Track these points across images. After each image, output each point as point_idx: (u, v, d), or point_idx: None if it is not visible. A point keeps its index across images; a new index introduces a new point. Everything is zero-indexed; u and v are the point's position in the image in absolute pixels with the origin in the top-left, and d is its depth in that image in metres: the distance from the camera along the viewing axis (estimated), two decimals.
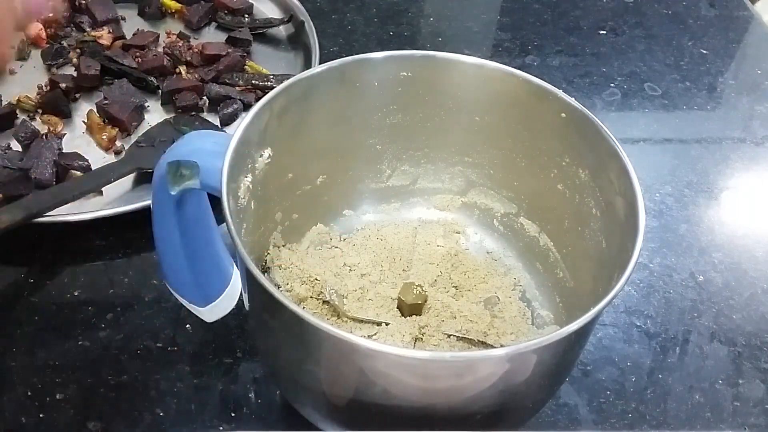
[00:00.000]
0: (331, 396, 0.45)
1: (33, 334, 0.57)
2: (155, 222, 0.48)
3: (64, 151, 0.69)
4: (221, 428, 0.53)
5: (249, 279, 0.44)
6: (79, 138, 0.73)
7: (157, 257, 0.50)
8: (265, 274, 0.56)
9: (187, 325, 0.58)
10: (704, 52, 0.91)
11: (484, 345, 0.54)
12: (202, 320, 0.54)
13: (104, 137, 0.71)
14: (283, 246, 0.58)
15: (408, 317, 0.55)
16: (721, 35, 0.94)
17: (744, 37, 0.95)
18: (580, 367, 0.57)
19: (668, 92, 0.85)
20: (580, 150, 0.52)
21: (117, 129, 0.72)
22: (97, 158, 0.70)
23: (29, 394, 0.54)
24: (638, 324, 0.61)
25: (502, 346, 0.54)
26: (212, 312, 0.53)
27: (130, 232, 0.64)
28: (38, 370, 0.55)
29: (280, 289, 0.55)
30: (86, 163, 0.68)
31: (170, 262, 0.50)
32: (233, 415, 0.53)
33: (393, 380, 0.41)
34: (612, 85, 0.86)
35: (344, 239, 0.61)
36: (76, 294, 0.60)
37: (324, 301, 0.55)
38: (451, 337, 0.54)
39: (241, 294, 0.51)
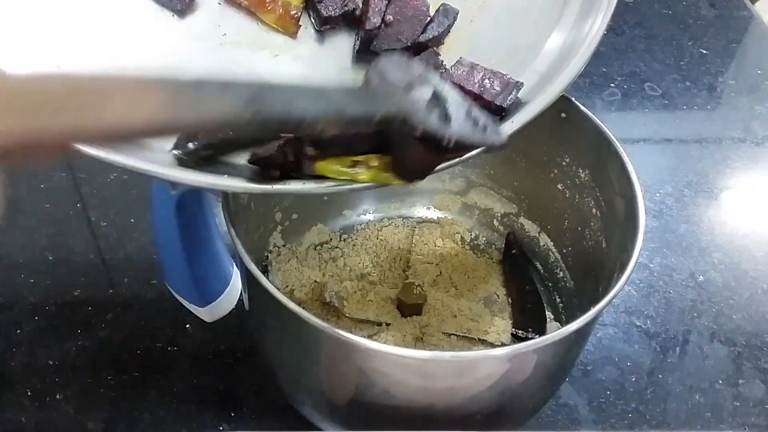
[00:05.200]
0: (331, 396, 0.45)
1: (33, 334, 0.57)
2: (155, 222, 0.48)
3: None
4: (221, 428, 0.53)
5: (249, 279, 0.44)
6: None
7: (157, 257, 0.50)
8: (265, 274, 0.56)
9: (187, 325, 0.58)
10: (704, 52, 0.91)
11: (485, 344, 0.54)
12: (202, 320, 0.53)
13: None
14: (283, 246, 0.58)
15: (408, 317, 0.55)
16: (721, 35, 0.94)
17: (744, 37, 0.95)
18: (580, 367, 0.57)
19: (668, 92, 0.85)
20: (580, 150, 0.52)
21: None
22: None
23: (29, 394, 0.54)
24: (638, 324, 0.61)
25: (502, 344, 0.54)
26: (212, 312, 0.53)
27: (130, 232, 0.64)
28: (38, 370, 0.55)
29: (280, 290, 0.55)
30: None
31: (170, 262, 0.50)
32: (233, 415, 0.53)
33: (393, 380, 0.41)
34: (612, 85, 0.86)
35: (344, 239, 0.61)
36: (76, 294, 0.60)
37: (324, 303, 0.55)
38: (452, 336, 0.54)
39: (241, 294, 0.51)
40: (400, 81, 0.34)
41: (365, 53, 0.41)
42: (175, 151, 0.35)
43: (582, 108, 0.50)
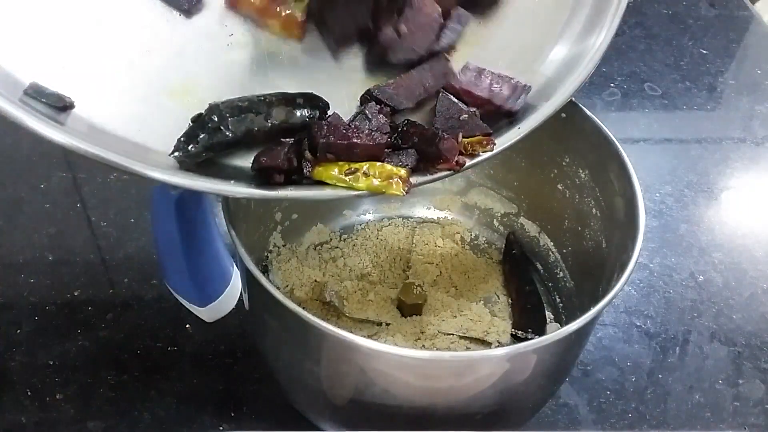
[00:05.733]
0: (331, 396, 0.45)
1: (33, 334, 0.57)
2: (155, 222, 0.48)
3: None
4: (221, 428, 0.52)
5: (249, 279, 0.44)
6: None
7: (157, 257, 0.50)
8: (265, 274, 0.56)
9: (187, 325, 0.58)
10: (704, 52, 0.91)
11: (485, 344, 0.54)
12: (202, 320, 0.53)
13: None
14: (283, 246, 0.58)
15: (408, 317, 0.55)
16: (721, 35, 0.94)
17: (744, 37, 0.95)
18: (580, 367, 0.57)
19: (668, 92, 0.85)
20: (580, 150, 0.52)
21: None
22: None
23: (29, 394, 0.54)
24: (638, 324, 0.61)
25: (501, 345, 0.54)
26: (212, 312, 0.53)
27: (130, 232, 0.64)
28: (38, 370, 0.55)
29: (280, 290, 0.55)
30: None
31: (170, 262, 0.50)
32: (233, 415, 0.53)
33: (393, 380, 0.41)
34: (612, 85, 0.86)
35: (344, 239, 0.61)
36: (76, 294, 0.60)
37: (324, 302, 0.55)
38: (452, 336, 0.54)
39: (241, 294, 0.51)
40: None
41: (378, 64, 0.41)
42: (176, 154, 0.35)
43: (582, 108, 0.50)
